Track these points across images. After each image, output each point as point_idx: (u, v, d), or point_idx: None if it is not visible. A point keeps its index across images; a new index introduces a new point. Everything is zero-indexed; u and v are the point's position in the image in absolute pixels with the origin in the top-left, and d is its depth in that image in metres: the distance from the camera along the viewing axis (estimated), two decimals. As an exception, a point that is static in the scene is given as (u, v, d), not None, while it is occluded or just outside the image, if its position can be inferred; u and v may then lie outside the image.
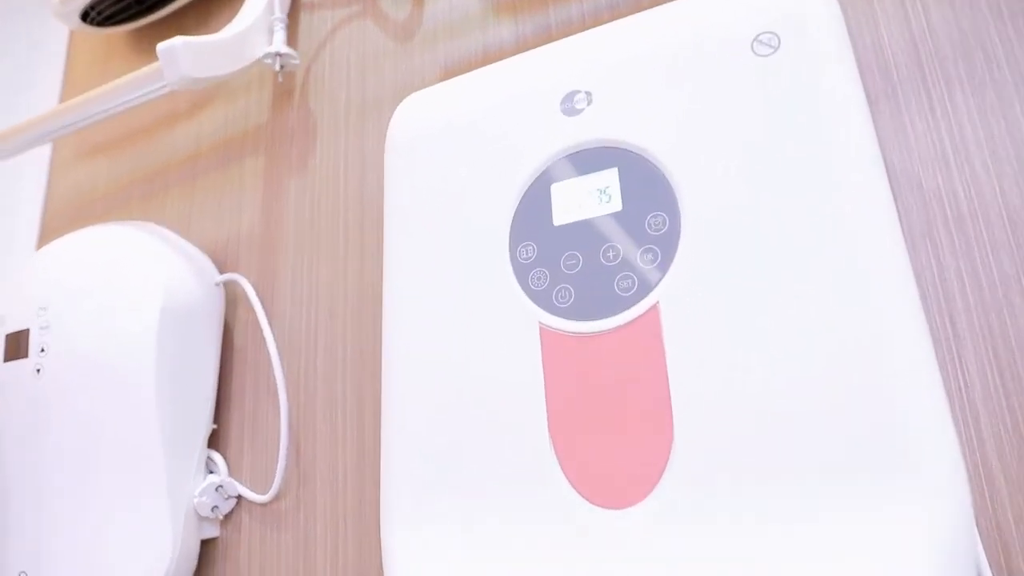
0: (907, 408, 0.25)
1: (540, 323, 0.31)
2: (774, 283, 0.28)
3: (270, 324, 0.50)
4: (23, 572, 0.48)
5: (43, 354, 0.49)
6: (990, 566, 0.31)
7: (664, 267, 0.30)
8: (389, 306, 0.35)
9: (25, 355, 0.49)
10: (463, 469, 0.31)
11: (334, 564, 0.45)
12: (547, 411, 0.30)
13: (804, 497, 0.25)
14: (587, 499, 0.29)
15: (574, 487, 0.29)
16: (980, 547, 0.30)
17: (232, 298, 0.53)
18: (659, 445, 0.28)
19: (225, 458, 0.50)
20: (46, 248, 0.53)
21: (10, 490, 0.49)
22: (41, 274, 0.51)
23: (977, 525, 0.31)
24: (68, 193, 0.68)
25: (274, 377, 0.49)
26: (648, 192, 0.31)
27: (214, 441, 0.51)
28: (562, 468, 0.29)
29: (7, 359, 0.50)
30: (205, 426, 0.49)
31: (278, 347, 0.50)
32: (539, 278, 0.32)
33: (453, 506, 0.31)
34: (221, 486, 0.47)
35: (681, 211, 0.30)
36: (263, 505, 0.48)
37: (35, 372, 0.49)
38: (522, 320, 0.32)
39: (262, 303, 0.51)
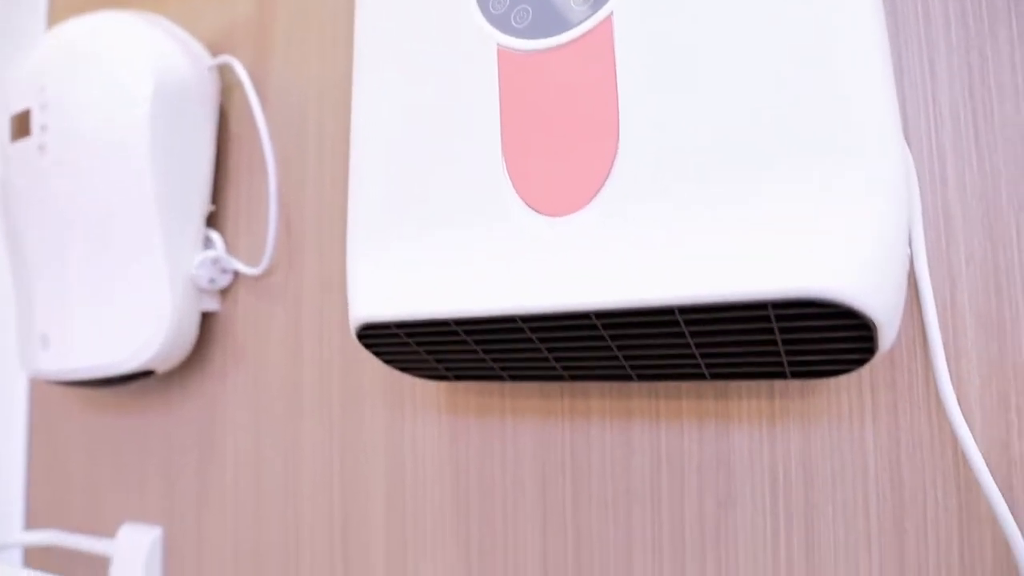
0: (854, 104, 0.25)
1: (498, 45, 0.31)
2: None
3: (262, 105, 0.51)
4: (45, 334, 0.52)
5: (45, 132, 0.50)
6: (935, 295, 0.31)
7: (621, -23, 0.29)
8: (357, 44, 0.35)
9: (28, 133, 0.51)
10: (421, 189, 0.32)
11: (320, 330, 0.47)
12: (501, 130, 0.31)
13: (741, 194, 0.25)
14: (533, 208, 0.29)
15: (522, 199, 0.30)
16: (924, 260, 0.30)
17: (228, 86, 0.54)
18: (603, 153, 0.28)
19: (223, 237, 0.52)
20: (46, 34, 0.54)
21: (34, 261, 0.53)
22: (40, 57, 0.52)
23: (929, 262, 0.31)
24: None
25: (264, 155, 0.50)
26: (611, -98, 0.30)
27: (213, 221, 0.53)
28: (512, 182, 0.30)
29: (14, 138, 0.52)
30: (202, 205, 0.51)
31: (269, 126, 0.50)
32: (499, 2, 0.32)
33: (410, 223, 0.32)
34: (218, 259, 0.50)
35: (643, -83, 0.29)
36: (257, 278, 0.50)
37: (39, 150, 0.51)
38: (480, 44, 0.32)
39: (255, 86, 0.51)
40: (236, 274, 0.51)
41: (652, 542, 0.36)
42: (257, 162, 0.51)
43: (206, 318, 0.53)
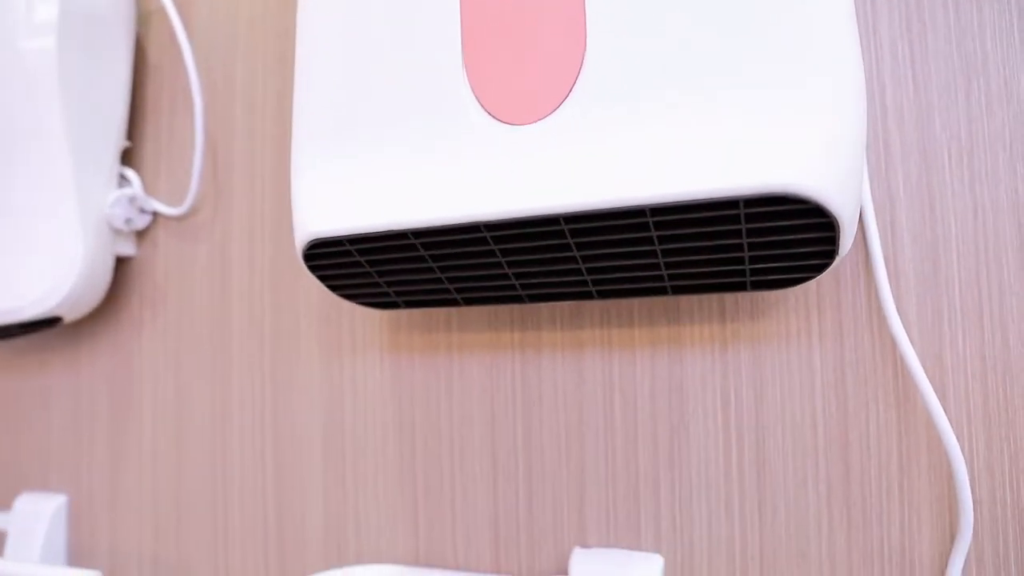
0: (823, 15, 0.25)
1: (460, -54, 0.30)
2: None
3: (187, 30, 0.47)
4: (-73, 280, 0.46)
5: (-67, 49, 0.45)
6: (876, 216, 0.33)
7: None
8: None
9: (-87, 51, 0.45)
10: (374, 99, 0.30)
11: (251, 270, 0.44)
12: (462, 37, 0.29)
13: (712, 95, 0.25)
14: (497, 117, 0.29)
15: (485, 108, 0.29)
16: (866, 181, 0.32)
17: (145, 13, 0.50)
18: (570, 59, 0.28)
19: (140, 177, 0.48)
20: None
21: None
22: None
23: (871, 184, 0.33)
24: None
25: (191, 87, 0.47)
26: None
27: (128, 160, 0.49)
28: (474, 92, 0.29)
29: None
30: (117, 140, 0.47)
31: (195, 54, 0.47)
32: (460, -95, 0.30)
33: (362, 134, 0.30)
34: (135, 198, 0.46)
35: None
36: (179, 219, 0.47)
37: (-75, 69, 0.45)
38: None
39: (178, 9, 0.48)
40: (155, 215, 0.48)
41: (605, 471, 0.36)
42: (179, 95, 0.48)
43: (121, 264, 0.49)
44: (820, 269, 0.28)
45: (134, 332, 0.48)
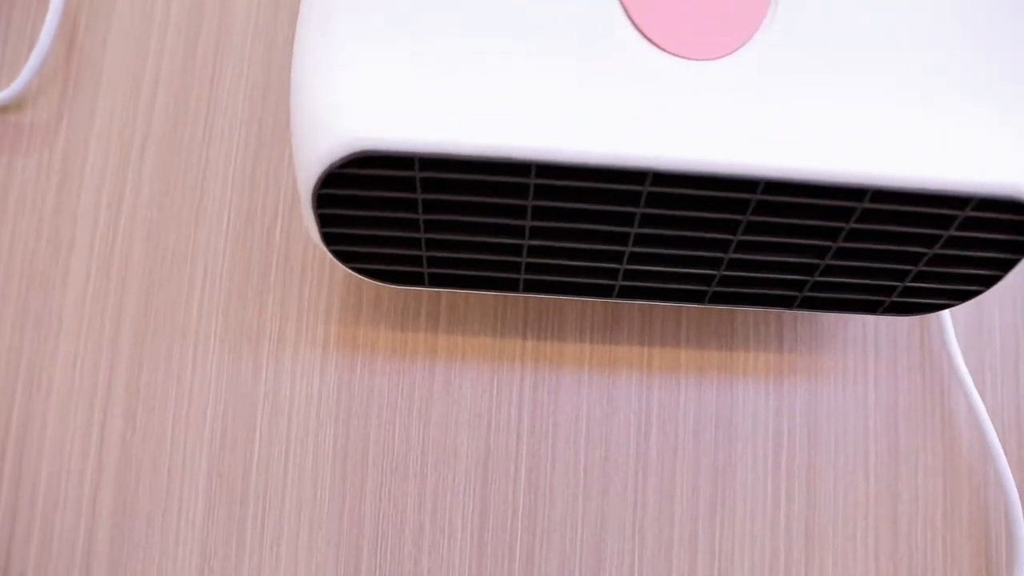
0: None
1: None
2: None
3: None
4: None
5: None
6: None
7: None
8: None
9: None
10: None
11: (116, 209, 0.29)
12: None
13: (949, 74, 0.21)
14: (663, 48, 0.21)
15: (639, 29, 0.21)
16: None
17: None
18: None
19: (-88, 31, 0.30)
20: None
21: None
22: None
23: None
24: None
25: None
26: None
27: None
28: (624, 6, 0.21)
29: None
30: None
31: None
32: None
33: (459, 16, 0.21)
34: (-94, 60, 0.28)
35: None
36: (-13, 112, 0.30)
37: None
38: None
39: None
40: (-65, 97, 0.30)
41: (632, 523, 0.29)
42: (9, -70, 0.31)
43: None
44: (973, 295, 0.25)
45: None
